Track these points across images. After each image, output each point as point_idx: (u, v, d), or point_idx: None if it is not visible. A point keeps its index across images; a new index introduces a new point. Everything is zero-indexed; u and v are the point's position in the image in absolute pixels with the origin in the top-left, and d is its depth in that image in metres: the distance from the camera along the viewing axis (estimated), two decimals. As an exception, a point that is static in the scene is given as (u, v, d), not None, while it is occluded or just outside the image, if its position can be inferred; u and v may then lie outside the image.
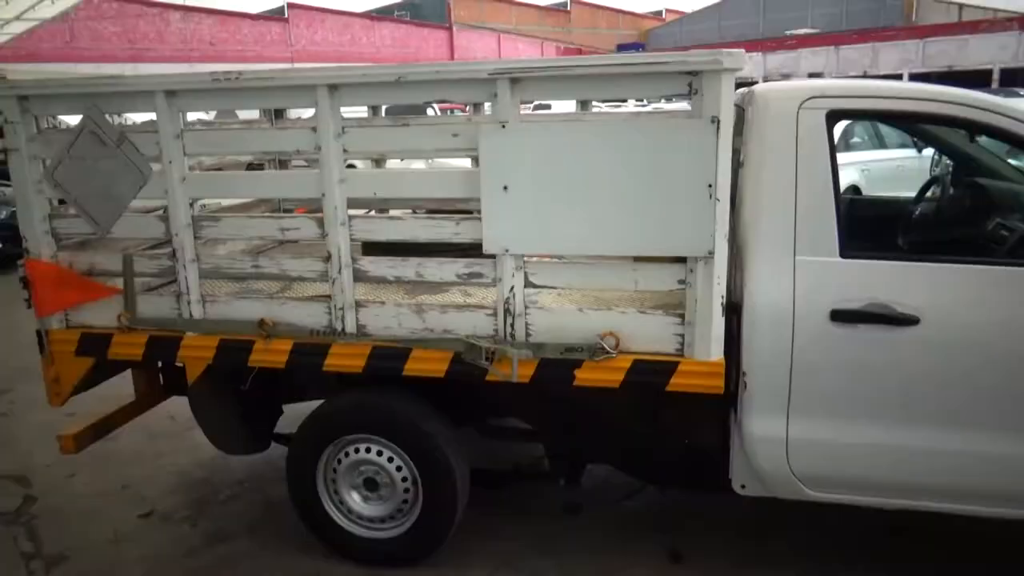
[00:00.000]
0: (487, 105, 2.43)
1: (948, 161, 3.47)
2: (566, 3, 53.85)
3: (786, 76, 32.80)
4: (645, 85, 2.35)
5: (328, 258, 2.62)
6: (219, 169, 3.51)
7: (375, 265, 2.64)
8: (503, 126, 2.35)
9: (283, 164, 3.80)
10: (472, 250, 2.50)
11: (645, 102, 17.32)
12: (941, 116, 2.46)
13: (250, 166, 3.88)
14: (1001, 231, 2.79)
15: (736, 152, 2.59)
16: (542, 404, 2.80)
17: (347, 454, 2.84)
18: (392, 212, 3.57)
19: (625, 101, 18.36)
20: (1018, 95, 16.37)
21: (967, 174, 3.33)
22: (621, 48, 47.17)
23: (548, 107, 15.90)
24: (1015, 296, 2.27)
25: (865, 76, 31.69)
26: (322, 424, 2.84)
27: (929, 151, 5.69)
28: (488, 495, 3.20)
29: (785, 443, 2.42)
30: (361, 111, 3.67)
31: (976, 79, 29.88)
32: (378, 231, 2.66)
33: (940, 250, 2.99)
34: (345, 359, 2.68)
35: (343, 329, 2.65)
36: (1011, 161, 3.43)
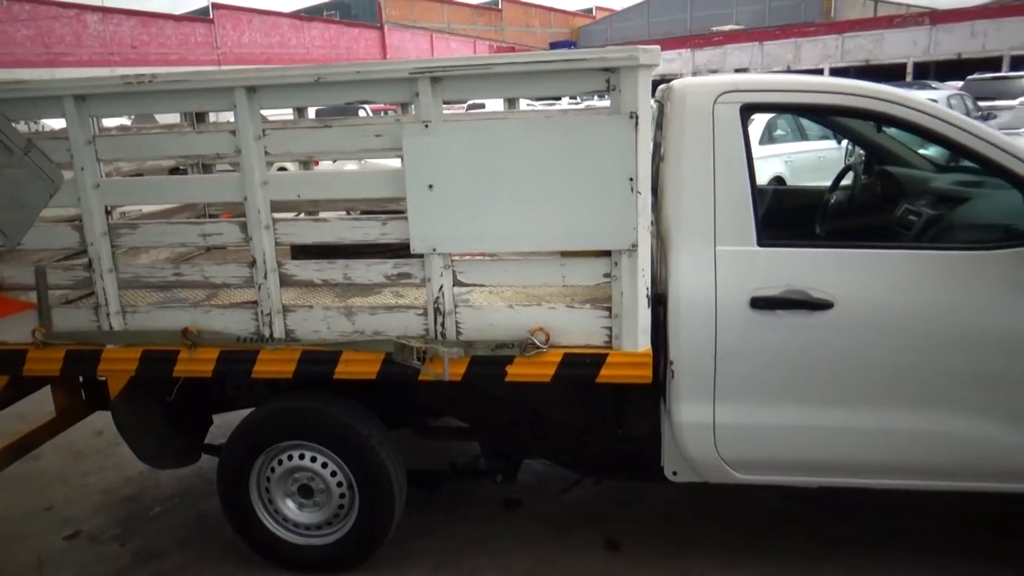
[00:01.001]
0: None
1: (861, 151, 3.61)
2: (497, 1, 53.98)
3: (714, 71, 33.64)
4: (565, 82, 2.37)
5: (253, 263, 2.57)
6: (139, 175, 3.40)
7: (302, 268, 2.60)
8: (426, 125, 2.35)
9: (207, 168, 3.72)
10: (404, 250, 2.49)
11: (579, 100, 17.50)
12: (849, 108, 2.55)
13: (176, 171, 3.77)
14: (909, 216, 2.93)
15: (657, 146, 2.66)
16: (476, 402, 2.81)
17: (280, 462, 2.79)
18: (326, 214, 3.53)
19: (559, 99, 18.53)
20: (930, 87, 17.18)
21: (878, 163, 3.48)
22: (554, 46, 47.59)
23: (482, 106, 15.93)
24: (921, 278, 2.38)
25: (788, 70, 32.75)
26: (253, 432, 2.79)
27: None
28: (426, 495, 3.20)
29: (712, 428, 2.49)
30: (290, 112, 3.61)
31: (892, 72, 31.21)
32: (303, 234, 2.62)
33: (852, 236, 3.13)
34: (274, 365, 2.63)
35: (271, 335, 2.61)
36: (921, 151, 3.59)
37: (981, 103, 13.68)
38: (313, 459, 2.77)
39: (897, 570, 2.71)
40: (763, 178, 7.96)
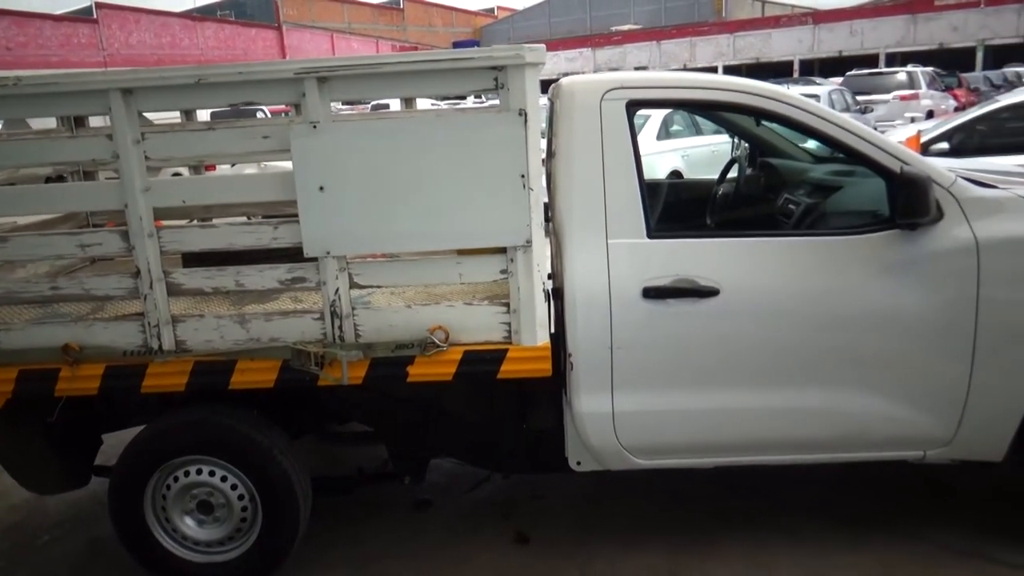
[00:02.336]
0: None
1: (745, 145, 3.77)
2: (399, 1, 53.55)
3: (614, 69, 34.43)
4: (454, 81, 2.38)
5: (137, 273, 2.47)
6: (11, 184, 3.20)
7: (190, 277, 2.52)
8: (314, 126, 2.32)
9: (88, 175, 3.53)
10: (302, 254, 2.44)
11: (483, 99, 17.54)
12: (728, 104, 2.67)
13: (59, 178, 3.56)
14: (789, 205, 3.09)
15: (550, 143, 2.70)
16: (379, 404, 2.79)
17: (176, 479, 2.68)
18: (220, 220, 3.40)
19: (464, 98, 18.48)
20: (815, 83, 18.13)
21: (762, 156, 3.65)
22: (457, 45, 47.60)
23: (386, 106, 15.76)
24: (799, 263, 2.52)
25: (685, 68, 33.86)
26: (145, 450, 2.67)
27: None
28: (334, 503, 3.15)
29: (612, 417, 2.56)
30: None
31: (781, 70, 32.78)
32: (191, 241, 2.53)
33: (736, 225, 3.27)
34: (165, 378, 2.54)
35: (160, 347, 2.51)
36: (801, 143, 3.78)
37: (859, 98, 14.53)
38: (211, 473, 2.67)
39: (792, 537, 2.85)
40: (661, 172, 8.21)
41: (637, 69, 33.83)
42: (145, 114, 2.49)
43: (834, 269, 2.49)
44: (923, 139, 5.96)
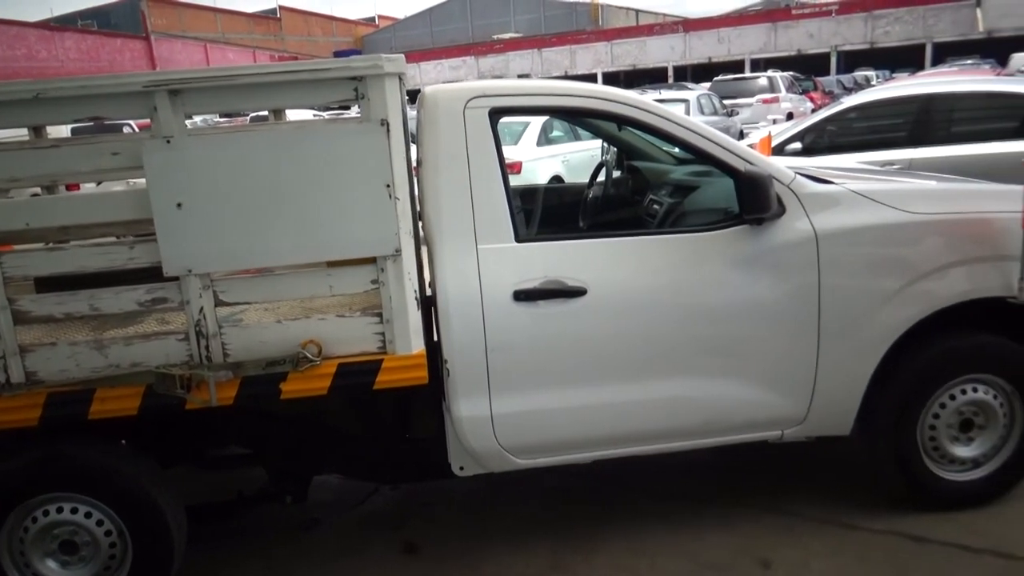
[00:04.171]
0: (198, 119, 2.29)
1: (613, 148, 3.92)
2: (275, 10, 52.19)
3: (498, 77, 34.88)
4: (314, 92, 2.36)
5: (-23, 303, 2.30)
6: None
7: (39, 303, 2.37)
8: (168, 141, 2.24)
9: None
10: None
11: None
12: (587, 110, 2.77)
13: None
14: (654, 206, 3.23)
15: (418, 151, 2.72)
16: (255, 424, 2.72)
17: (34, 519, 2.51)
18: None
19: (348, 108, 18.16)
20: (687, 88, 18.97)
21: (628, 159, 3.81)
22: (338, 54, 46.82)
23: (266, 118, 15.28)
24: (660, 260, 2.64)
25: (566, 76, 34.70)
26: (-4, 492, 2.49)
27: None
28: (216, 529, 3.03)
29: (491, 420, 2.59)
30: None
31: (656, 75, 34.12)
32: (37, 265, 2.38)
33: (603, 227, 3.39)
34: (14, 413, 2.37)
35: (8, 380, 2.35)
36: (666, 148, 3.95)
37: (726, 101, 15.34)
38: (74, 510, 2.52)
39: (667, 523, 2.98)
40: (543, 178, 8.38)
41: (520, 76, 34.37)
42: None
43: (691, 264, 2.63)
44: (779, 140, 6.36)
